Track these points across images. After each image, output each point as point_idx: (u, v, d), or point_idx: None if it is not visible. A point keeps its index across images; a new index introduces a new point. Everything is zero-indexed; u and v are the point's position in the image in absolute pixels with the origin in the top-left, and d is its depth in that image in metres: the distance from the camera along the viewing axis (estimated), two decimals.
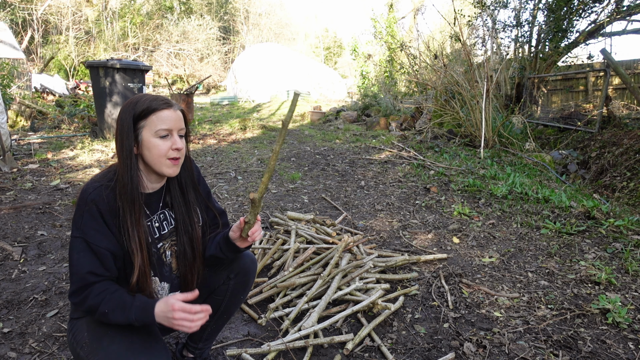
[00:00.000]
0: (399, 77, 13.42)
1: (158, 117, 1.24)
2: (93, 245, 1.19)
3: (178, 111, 1.28)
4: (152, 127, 1.23)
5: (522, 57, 9.89)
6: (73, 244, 1.20)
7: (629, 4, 8.52)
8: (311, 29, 42.04)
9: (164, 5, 28.23)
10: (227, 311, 1.60)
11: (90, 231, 1.19)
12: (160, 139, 1.24)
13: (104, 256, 1.20)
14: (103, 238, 1.20)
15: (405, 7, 24.28)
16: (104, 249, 1.20)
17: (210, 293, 1.55)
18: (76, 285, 1.19)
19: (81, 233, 1.19)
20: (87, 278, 1.18)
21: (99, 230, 1.20)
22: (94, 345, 1.20)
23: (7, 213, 3.48)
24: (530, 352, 1.83)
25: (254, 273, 1.59)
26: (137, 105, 1.25)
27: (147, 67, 7.18)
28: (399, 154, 6.07)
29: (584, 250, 2.88)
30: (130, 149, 1.23)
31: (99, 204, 1.19)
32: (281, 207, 3.83)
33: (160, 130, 1.23)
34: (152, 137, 1.24)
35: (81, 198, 1.21)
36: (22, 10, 20.25)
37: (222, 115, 11.64)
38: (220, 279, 1.53)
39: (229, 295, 1.55)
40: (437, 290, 2.41)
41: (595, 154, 6.55)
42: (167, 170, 1.27)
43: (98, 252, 1.19)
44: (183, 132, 1.30)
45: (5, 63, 9.94)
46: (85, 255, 1.19)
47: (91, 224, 1.19)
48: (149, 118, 1.24)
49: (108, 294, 1.19)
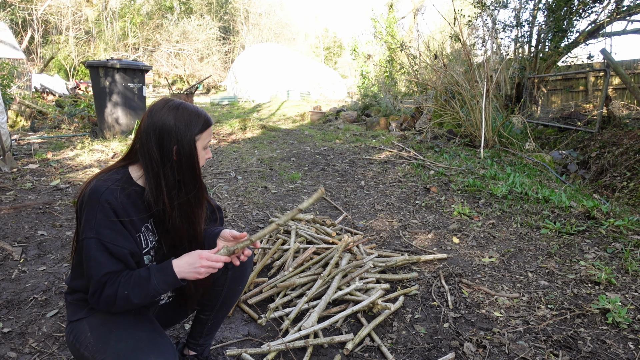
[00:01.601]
0: (399, 77, 13.42)
1: (209, 131, 1.32)
2: (109, 244, 1.16)
3: None
4: (204, 140, 1.31)
5: (522, 57, 9.88)
6: (88, 246, 1.16)
7: (629, 4, 8.52)
8: (311, 29, 42.04)
9: (164, 5, 28.23)
10: (227, 303, 1.60)
11: (106, 231, 1.17)
12: (203, 151, 1.33)
13: (123, 256, 1.19)
14: (120, 237, 1.19)
15: (405, 7, 24.25)
16: (122, 248, 1.18)
17: (210, 285, 1.55)
18: (94, 287, 1.16)
19: (96, 234, 1.16)
20: (104, 278, 1.16)
21: (115, 230, 1.18)
22: (99, 344, 1.19)
23: (7, 213, 3.48)
24: (530, 352, 1.83)
25: (251, 263, 1.61)
26: (198, 118, 1.29)
27: (147, 67, 7.18)
28: (399, 154, 6.07)
29: (584, 250, 2.88)
30: (189, 159, 1.28)
31: (111, 202, 1.18)
32: (281, 207, 3.83)
33: (207, 142, 1.33)
34: (201, 149, 1.31)
35: (93, 198, 1.18)
36: (22, 10, 20.25)
37: (222, 115, 11.64)
38: (218, 271, 1.54)
39: (227, 286, 1.56)
40: (437, 290, 2.41)
41: (595, 154, 6.55)
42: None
43: (115, 251, 1.17)
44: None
45: (5, 63, 9.94)
46: (103, 256, 1.16)
47: (106, 223, 1.17)
48: (205, 131, 1.31)
49: (122, 278, 1.17)
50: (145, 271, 1.19)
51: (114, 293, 1.15)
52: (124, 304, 1.16)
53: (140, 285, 1.16)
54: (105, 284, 1.16)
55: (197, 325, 1.65)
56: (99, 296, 1.16)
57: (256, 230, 3.32)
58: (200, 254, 1.22)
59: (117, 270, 1.18)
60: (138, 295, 1.16)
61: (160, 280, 1.18)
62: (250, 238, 1.32)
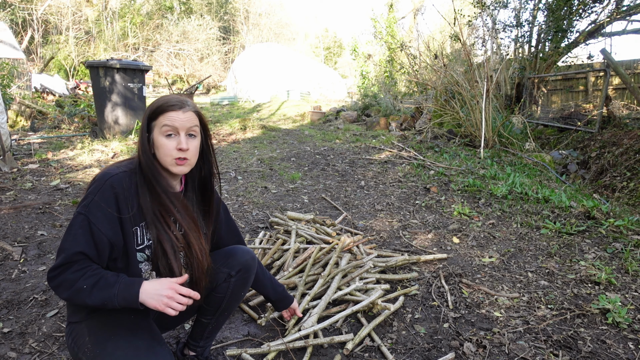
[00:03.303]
0: (399, 77, 13.42)
1: (165, 117, 1.27)
2: (94, 227, 1.16)
3: (189, 112, 1.29)
4: (159, 126, 1.27)
5: (522, 57, 9.88)
6: (75, 221, 1.17)
7: (629, 4, 8.52)
8: (311, 29, 42.06)
9: (164, 5, 28.23)
10: (228, 308, 1.60)
11: (97, 213, 1.17)
12: (166, 138, 1.26)
13: (102, 242, 1.17)
14: (107, 224, 1.18)
15: (405, 7, 24.28)
16: (104, 235, 1.17)
17: (211, 291, 1.55)
18: (61, 261, 1.13)
19: (87, 211, 1.16)
20: (75, 257, 1.14)
21: (106, 215, 1.18)
22: (96, 350, 1.18)
23: (7, 213, 3.48)
24: (530, 352, 1.83)
25: (254, 270, 1.61)
26: (152, 105, 1.30)
27: (147, 67, 7.18)
28: (399, 154, 6.07)
29: (584, 250, 2.88)
30: (145, 146, 1.28)
31: (116, 187, 1.20)
32: (281, 207, 3.83)
33: (165, 128, 1.26)
34: (159, 135, 1.27)
35: (100, 179, 1.21)
36: (22, 10, 20.25)
37: (222, 115, 11.64)
38: (221, 277, 1.54)
39: (230, 293, 1.55)
40: (437, 290, 2.41)
41: (595, 154, 6.55)
42: (173, 168, 1.29)
43: (97, 236, 1.16)
44: (194, 131, 1.30)
45: (5, 63, 9.94)
46: (84, 235, 1.15)
47: (100, 205, 1.17)
48: (158, 118, 1.27)
49: (90, 270, 1.14)
50: (114, 277, 1.15)
51: (74, 281, 1.11)
52: (77, 297, 1.12)
53: (102, 288, 1.12)
54: (72, 265, 1.13)
55: (197, 327, 1.65)
56: (59, 274, 1.13)
57: (256, 230, 3.32)
58: (171, 284, 1.15)
59: (89, 255, 1.16)
60: (94, 298, 1.12)
61: (121, 294, 1.13)
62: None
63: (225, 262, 1.54)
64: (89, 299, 1.12)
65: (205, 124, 1.37)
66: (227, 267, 1.54)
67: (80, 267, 1.14)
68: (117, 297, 1.12)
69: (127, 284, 1.15)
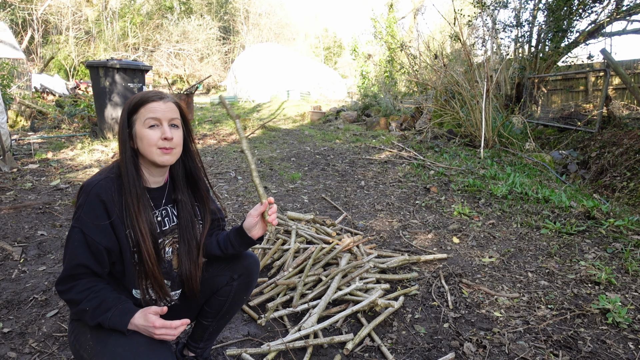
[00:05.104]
0: (399, 77, 13.42)
1: (146, 108, 1.28)
2: (89, 238, 1.20)
3: (169, 103, 1.31)
4: (141, 118, 1.28)
5: (522, 57, 9.88)
6: (71, 234, 1.22)
7: (629, 4, 8.52)
8: (311, 29, 42.01)
9: (164, 5, 28.23)
10: (230, 311, 1.60)
11: (88, 224, 1.21)
12: (149, 129, 1.27)
13: (98, 251, 1.22)
14: (99, 233, 1.21)
15: (405, 7, 24.29)
16: (99, 244, 1.21)
17: (213, 294, 1.55)
18: (65, 274, 1.21)
19: (79, 224, 1.21)
20: (77, 269, 1.21)
21: (97, 225, 1.21)
22: (97, 347, 1.19)
23: (7, 213, 3.47)
24: (530, 352, 1.83)
25: (257, 274, 1.60)
26: (131, 100, 1.31)
27: (147, 67, 7.18)
28: (399, 154, 6.07)
29: (584, 250, 2.88)
30: (125, 142, 1.28)
31: (101, 195, 1.22)
32: (281, 207, 3.83)
33: (148, 120, 1.27)
34: (142, 128, 1.28)
35: (84, 190, 1.24)
36: (22, 10, 20.25)
37: (222, 115, 11.64)
38: (223, 280, 1.54)
39: (232, 296, 1.55)
40: (437, 290, 2.41)
41: (595, 154, 6.55)
42: (159, 158, 1.29)
43: (93, 246, 1.21)
44: (176, 122, 1.32)
45: (5, 63, 9.94)
46: (80, 247, 1.21)
47: (90, 216, 1.21)
48: (139, 111, 1.29)
49: (92, 293, 1.21)
50: (114, 302, 1.21)
51: (79, 301, 1.20)
52: (80, 315, 1.22)
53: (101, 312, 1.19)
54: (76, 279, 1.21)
55: (198, 329, 1.64)
56: (67, 290, 1.21)
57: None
58: (155, 322, 1.17)
59: (90, 266, 1.21)
60: (91, 319, 1.19)
61: (113, 320, 1.18)
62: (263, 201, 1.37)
63: (228, 265, 1.54)
64: (89, 320, 1.20)
65: (186, 116, 1.39)
66: (229, 270, 1.54)
67: (85, 288, 1.21)
68: (109, 322, 1.19)
69: (121, 313, 1.20)
